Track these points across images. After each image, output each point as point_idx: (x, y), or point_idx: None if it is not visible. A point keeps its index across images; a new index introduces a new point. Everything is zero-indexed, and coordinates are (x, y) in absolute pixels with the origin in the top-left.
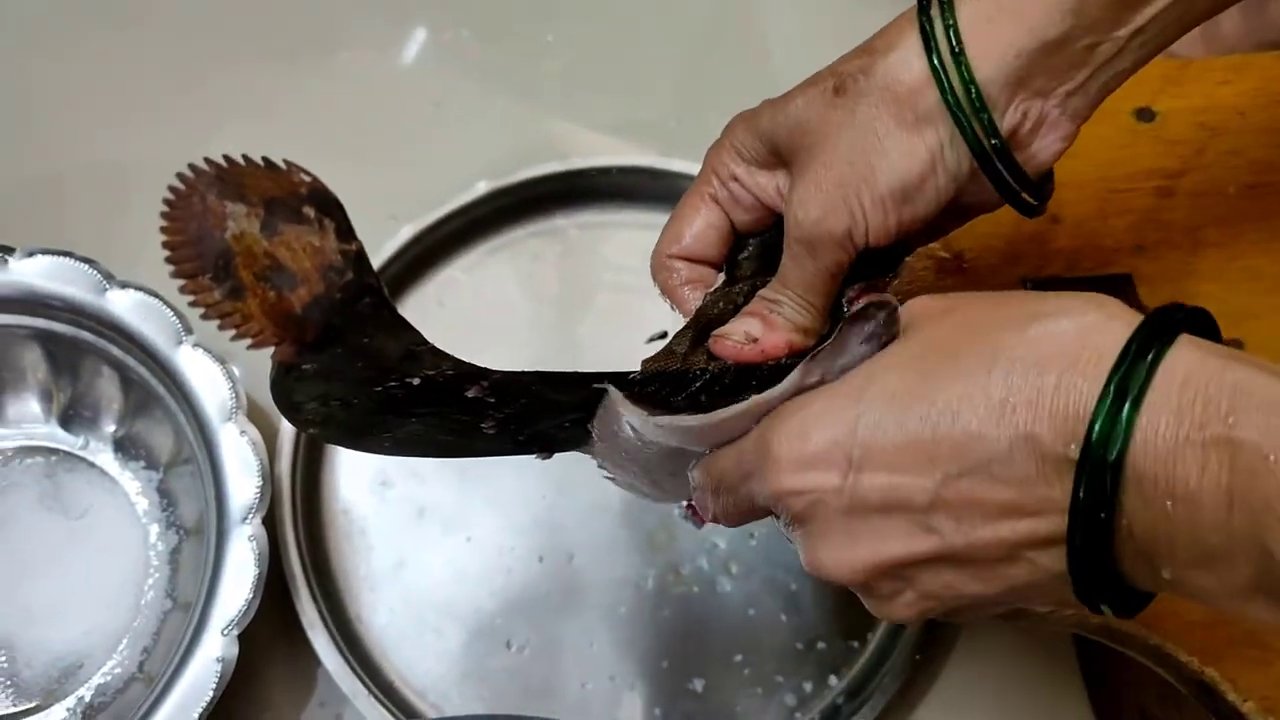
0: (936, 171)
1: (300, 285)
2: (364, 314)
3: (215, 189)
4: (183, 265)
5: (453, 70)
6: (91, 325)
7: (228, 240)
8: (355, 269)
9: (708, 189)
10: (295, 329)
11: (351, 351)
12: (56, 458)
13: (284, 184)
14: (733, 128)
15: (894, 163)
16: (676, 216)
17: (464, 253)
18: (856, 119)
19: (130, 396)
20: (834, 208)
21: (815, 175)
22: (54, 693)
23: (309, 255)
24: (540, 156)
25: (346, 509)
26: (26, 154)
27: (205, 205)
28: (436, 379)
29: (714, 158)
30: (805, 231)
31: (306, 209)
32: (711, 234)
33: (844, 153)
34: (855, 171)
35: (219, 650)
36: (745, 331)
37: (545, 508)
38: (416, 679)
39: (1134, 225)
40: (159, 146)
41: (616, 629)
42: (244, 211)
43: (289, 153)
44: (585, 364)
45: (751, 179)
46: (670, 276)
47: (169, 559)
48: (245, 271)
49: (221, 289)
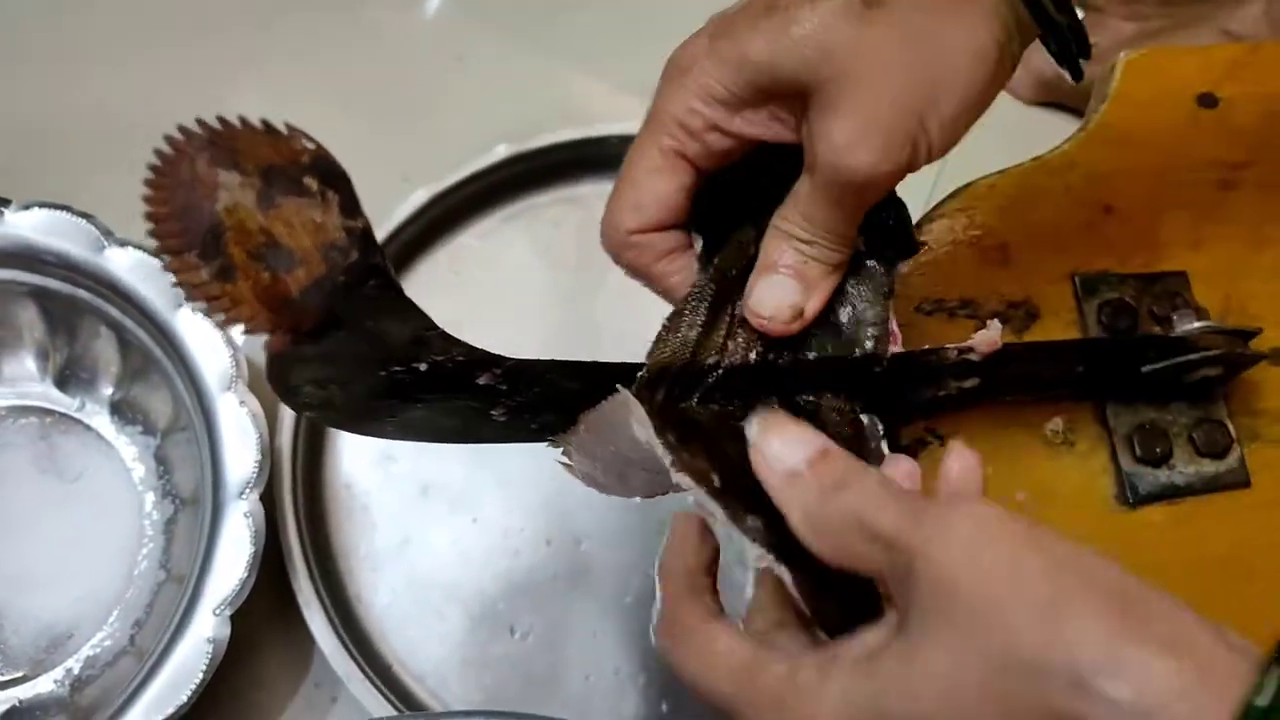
0: (1005, 66)
1: (298, 266)
2: (369, 298)
3: (207, 154)
4: (167, 240)
5: (476, 24)
6: (89, 284)
7: (219, 213)
8: (360, 248)
9: (670, 143)
10: (291, 315)
11: (354, 335)
12: (51, 419)
13: (284, 151)
14: (696, 64)
15: (963, 72)
16: (630, 181)
17: (480, 219)
18: (907, 32)
19: (128, 359)
20: (894, 144)
21: (862, 108)
22: (42, 663)
23: (309, 232)
24: (563, 119)
25: (349, 484)
26: (27, 102)
27: (195, 173)
28: (445, 365)
29: (674, 103)
30: (853, 176)
31: (308, 180)
32: (681, 196)
33: (899, 76)
34: (918, 95)
35: (210, 630)
36: (790, 305)
37: (555, 489)
38: (415, 663)
39: (1192, 219)
40: (167, 98)
41: (624, 618)
42: (238, 181)
43: (302, 108)
44: (601, 337)
45: (737, 124)
46: (640, 254)
47: (164, 529)
48: (237, 249)
49: (210, 268)
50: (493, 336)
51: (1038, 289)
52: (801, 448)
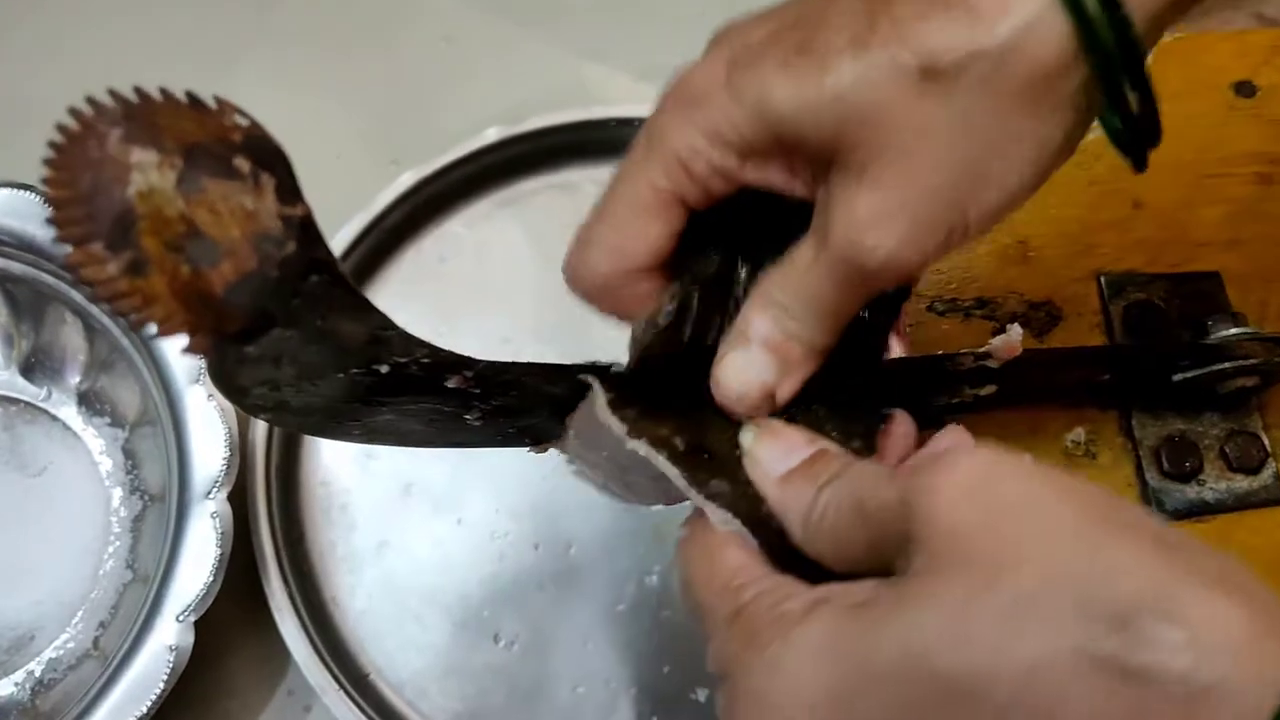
0: (1067, 154)
1: (224, 259)
2: (313, 295)
3: (120, 130)
4: (69, 228)
5: (466, 3)
6: (52, 269)
7: (131, 198)
8: (299, 239)
9: (666, 184)
10: (213, 315)
11: (299, 335)
12: (16, 408)
13: (211, 127)
14: (709, 98)
15: (1023, 165)
16: (613, 220)
17: (469, 205)
18: (967, 113)
19: (95, 347)
20: (923, 232)
21: (897, 186)
22: (2, 665)
23: (238, 221)
24: (558, 102)
25: (326, 481)
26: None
27: (104, 151)
28: (409, 367)
29: (677, 139)
30: (869, 258)
31: (239, 161)
32: (669, 243)
33: (946, 159)
34: (965, 185)
35: (173, 637)
36: (761, 385)
37: (544, 491)
38: (394, 672)
39: (1228, 216)
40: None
41: (615, 628)
42: (155, 161)
43: (286, 90)
44: (592, 333)
45: (744, 172)
46: (619, 301)
47: (130, 527)
48: (151, 239)
49: (118, 261)
50: (481, 327)
51: (1060, 289)
52: (796, 452)
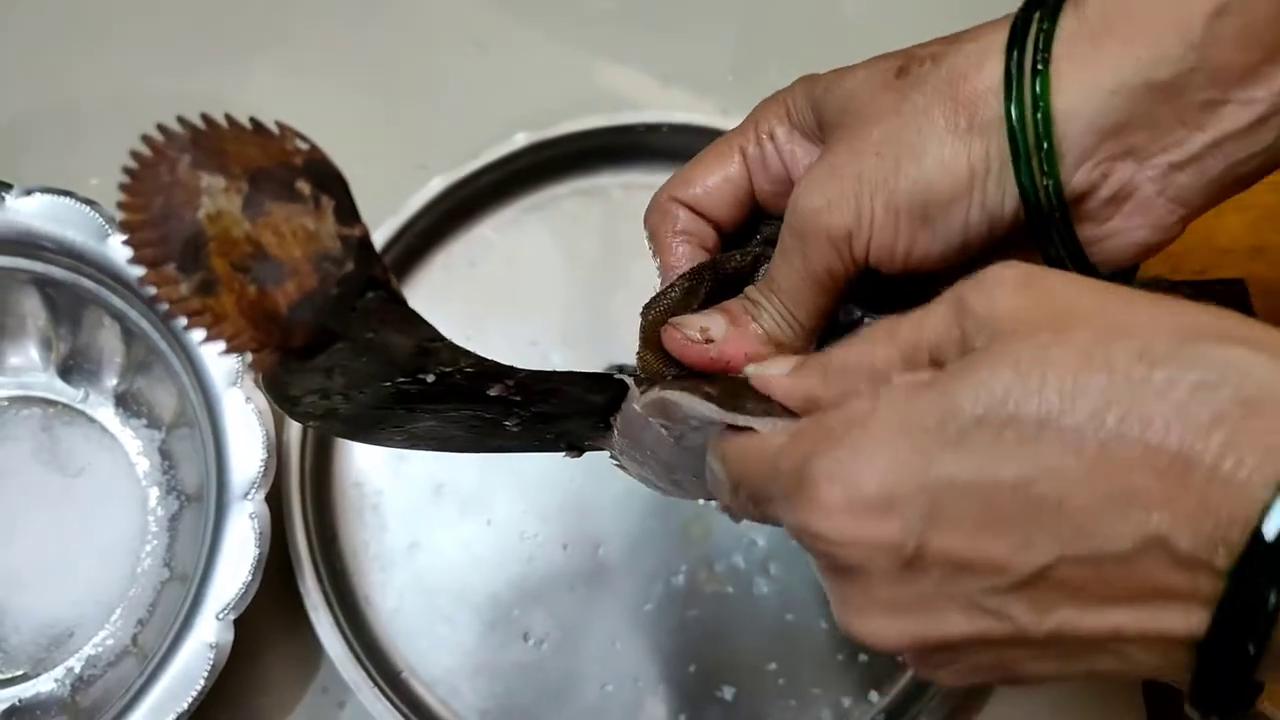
0: (971, 198)
1: (288, 279)
2: (368, 311)
3: (189, 156)
4: (143, 250)
5: (496, 8)
6: (92, 273)
7: (200, 221)
8: (357, 259)
9: (741, 140)
10: (279, 332)
11: (354, 349)
12: (54, 410)
13: (274, 152)
14: (794, 85)
15: (925, 169)
16: (696, 161)
17: (498, 209)
18: (903, 108)
19: (132, 350)
20: (841, 200)
21: (834, 158)
22: (42, 661)
23: (300, 242)
24: (586, 107)
25: (359, 482)
26: (31, 84)
27: (175, 176)
28: (454, 376)
29: (762, 109)
30: (800, 219)
31: (301, 184)
32: (727, 190)
33: (875, 141)
34: (879, 166)
35: (213, 635)
36: (702, 326)
37: (573, 492)
38: (425, 670)
39: (1253, 223)
40: (176, 80)
41: (642, 627)
42: (223, 185)
43: (316, 95)
44: (620, 337)
45: (788, 145)
46: (665, 222)
47: (168, 526)
48: (220, 260)
49: (190, 281)
50: (510, 331)
51: None
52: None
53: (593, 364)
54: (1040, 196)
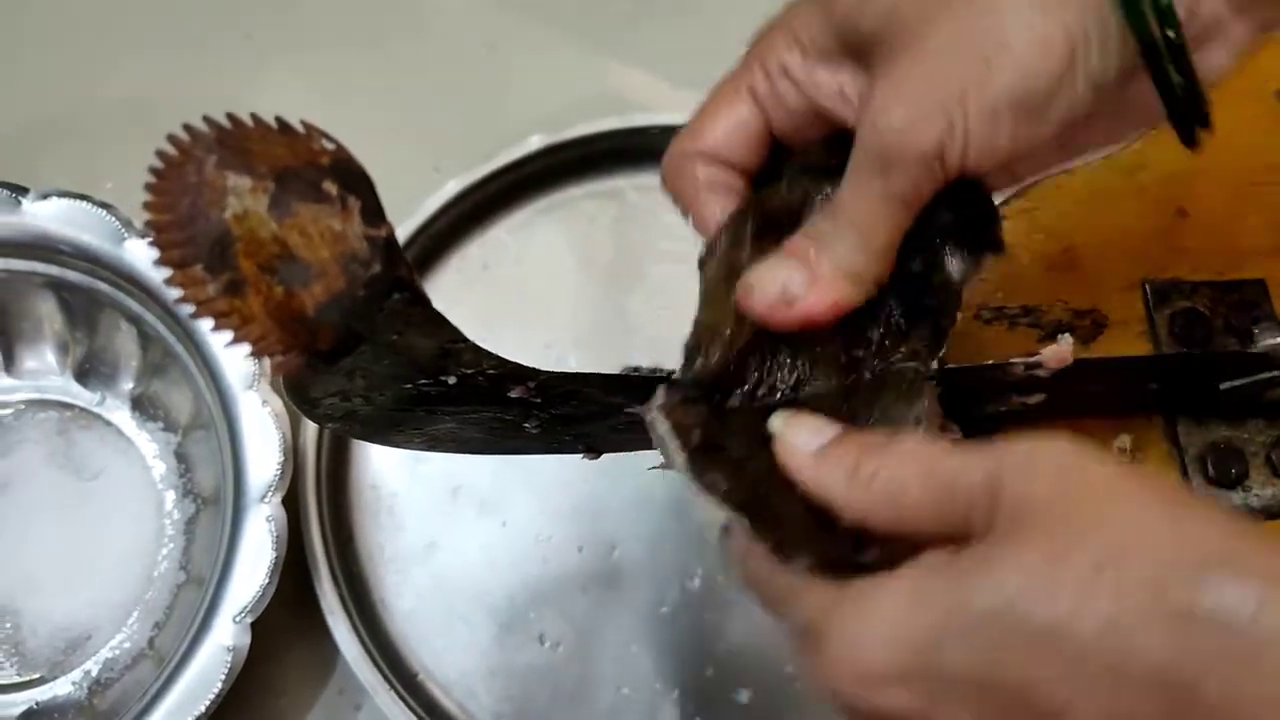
0: (1076, 73)
1: (315, 280)
2: (393, 312)
3: (215, 156)
4: (169, 251)
5: (509, 10)
6: (108, 276)
7: (227, 221)
8: (383, 259)
9: (747, 79)
10: (306, 334)
11: (377, 350)
12: (70, 413)
13: (301, 152)
14: (794, 12)
15: (1019, 57)
16: (702, 111)
17: (513, 212)
18: (977, 5)
19: (148, 353)
20: (928, 113)
21: (905, 72)
22: (60, 664)
23: (327, 242)
24: (600, 109)
25: (375, 484)
26: (46, 88)
27: (201, 177)
28: (475, 378)
29: (763, 45)
30: (882, 141)
31: (327, 184)
32: (743, 134)
33: (948, 42)
34: (962, 68)
35: (230, 638)
36: (783, 287)
37: (588, 494)
38: (442, 672)
39: (1274, 224)
40: (191, 85)
41: (658, 630)
42: (249, 186)
43: (330, 97)
44: (635, 338)
45: (809, 75)
46: (687, 179)
47: (184, 529)
48: (247, 261)
49: (217, 283)
50: (524, 333)
51: (1106, 297)
52: (824, 432)
53: (608, 365)
54: (1158, 38)
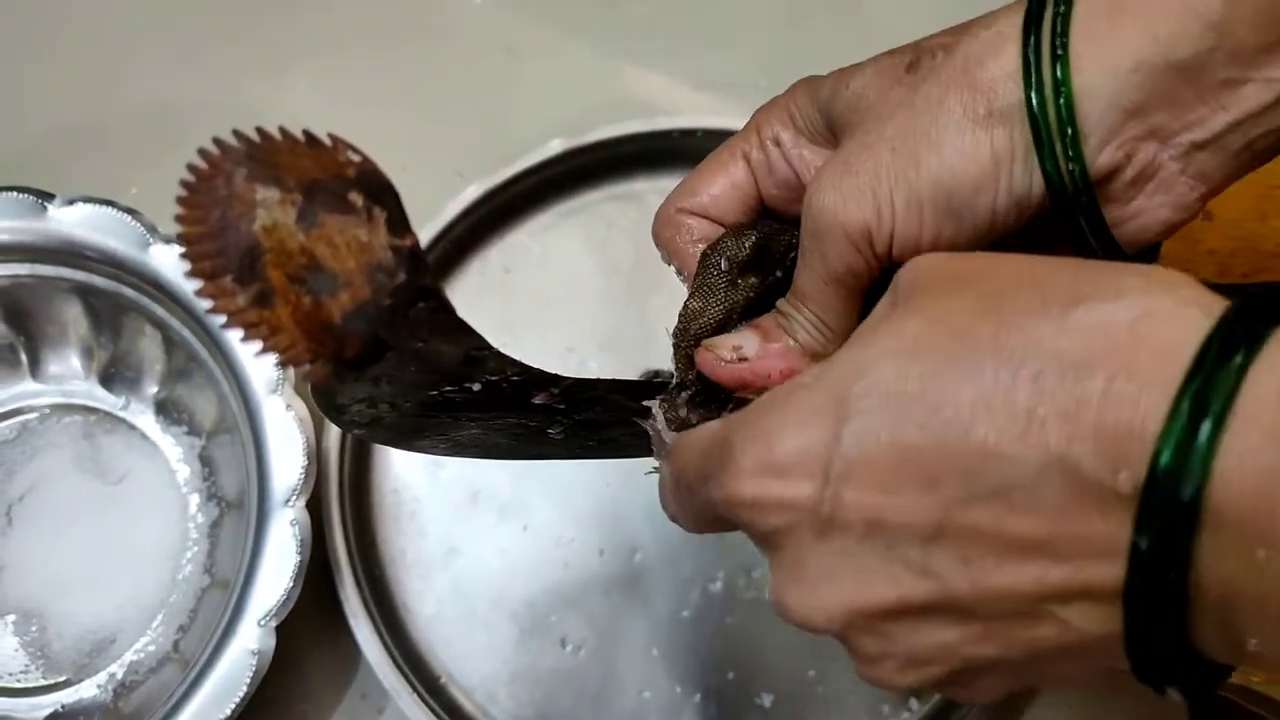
0: (997, 185)
1: (342, 290)
2: (419, 321)
3: (244, 169)
4: (201, 263)
5: (527, 14)
6: (133, 281)
7: (256, 233)
8: (409, 269)
9: (744, 145)
10: (333, 343)
11: (403, 358)
12: (95, 417)
13: (327, 164)
14: (794, 90)
15: (946, 159)
16: (698, 171)
17: (534, 216)
18: (917, 101)
19: (173, 358)
20: (856, 195)
21: (848, 155)
22: (85, 667)
23: (354, 253)
24: (620, 113)
25: (397, 489)
26: (71, 95)
27: (231, 189)
28: (500, 384)
29: (762, 115)
30: (815, 219)
31: (353, 196)
32: (734, 196)
33: (889, 135)
34: (896, 160)
35: (255, 642)
36: (734, 345)
37: (608, 498)
38: (464, 676)
39: None
40: (212, 92)
41: (680, 633)
42: (278, 198)
43: (350, 103)
44: (656, 341)
45: (795, 150)
46: (678, 234)
47: (209, 532)
48: (276, 272)
49: (247, 293)
50: (545, 337)
51: None
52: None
53: (630, 369)
54: (1065, 181)
